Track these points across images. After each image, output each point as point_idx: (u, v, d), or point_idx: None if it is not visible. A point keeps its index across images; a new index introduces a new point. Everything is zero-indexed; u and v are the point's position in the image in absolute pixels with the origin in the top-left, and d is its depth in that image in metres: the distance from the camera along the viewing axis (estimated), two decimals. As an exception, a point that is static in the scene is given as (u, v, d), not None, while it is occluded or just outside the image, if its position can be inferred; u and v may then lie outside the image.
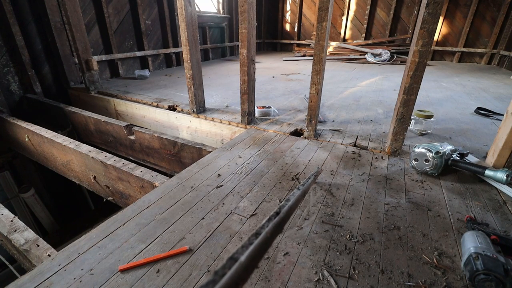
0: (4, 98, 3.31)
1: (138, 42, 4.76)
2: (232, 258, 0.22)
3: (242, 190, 1.49)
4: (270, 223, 0.28)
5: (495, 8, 5.70)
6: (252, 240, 0.25)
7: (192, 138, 2.71)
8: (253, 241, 0.25)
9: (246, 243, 0.24)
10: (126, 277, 0.96)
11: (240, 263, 0.22)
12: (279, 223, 0.29)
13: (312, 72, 1.94)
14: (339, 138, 2.15)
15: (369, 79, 4.52)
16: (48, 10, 3.36)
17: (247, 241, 0.25)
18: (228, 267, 0.21)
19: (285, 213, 0.30)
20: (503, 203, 1.40)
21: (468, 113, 2.81)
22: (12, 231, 1.52)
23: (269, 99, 3.21)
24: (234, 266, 0.21)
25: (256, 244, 0.24)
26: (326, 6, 1.72)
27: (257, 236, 0.26)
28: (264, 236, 0.25)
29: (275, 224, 0.28)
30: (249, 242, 0.24)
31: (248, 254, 0.23)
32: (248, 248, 0.24)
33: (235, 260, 0.22)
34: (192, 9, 2.23)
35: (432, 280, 0.96)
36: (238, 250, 0.23)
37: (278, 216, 0.29)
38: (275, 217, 0.29)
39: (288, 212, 0.31)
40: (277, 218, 0.29)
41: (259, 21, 8.00)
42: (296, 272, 0.99)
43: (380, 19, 6.84)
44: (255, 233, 0.26)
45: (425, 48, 1.52)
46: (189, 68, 2.39)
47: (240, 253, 0.23)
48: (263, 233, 0.26)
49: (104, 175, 2.12)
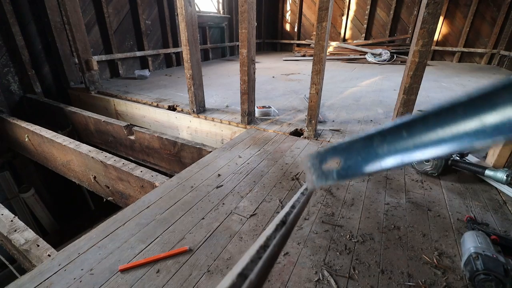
0: (4, 98, 3.31)
1: (138, 42, 4.76)
2: (242, 274, 0.22)
3: (242, 190, 1.49)
4: (277, 233, 0.27)
5: (495, 8, 5.70)
6: (261, 254, 0.24)
7: (192, 138, 2.71)
8: (261, 255, 0.24)
9: (255, 256, 0.23)
10: (126, 277, 0.96)
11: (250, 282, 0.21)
12: (286, 235, 0.28)
13: (312, 72, 1.94)
14: (339, 138, 2.15)
15: (369, 79, 4.52)
16: (48, 10, 3.36)
17: (255, 254, 0.24)
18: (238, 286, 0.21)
19: (291, 222, 0.29)
20: (503, 203, 1.40)
21: (468, 113, 2.80)
22: (12, 231, 1.52)
23: (269, 99, 3.21)
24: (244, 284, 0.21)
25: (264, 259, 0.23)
26: (326, 6, 1.72)
27: (265, 249, 0.25)
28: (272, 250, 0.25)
29: (282, 235, 0.27)
30: (258, 256, 0.24)
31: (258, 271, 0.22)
32: (257, 263, 0.23)
33: (245, 277, 0.21)
34: (192, 9, 2.23)
35: (432, 280, 0.96)
36: (248, 265, 0.22)
37: (284, 227, 0.29)
38: (281, 227, 0.28)
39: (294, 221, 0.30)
40: (283, 228, 0.28)
41: (259, 21, 8.00)
42: (296, 272, 0.99)
43: (380, 19, 6.84)
44: (263, 246, 0.25)
45: (425, 48, 1.52)
46: (189, 68, 2.39)
47: (250, 269, 0.22)
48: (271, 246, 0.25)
49: (104, 175, 2.12)
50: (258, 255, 0.24)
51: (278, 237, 0.27)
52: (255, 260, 0.23)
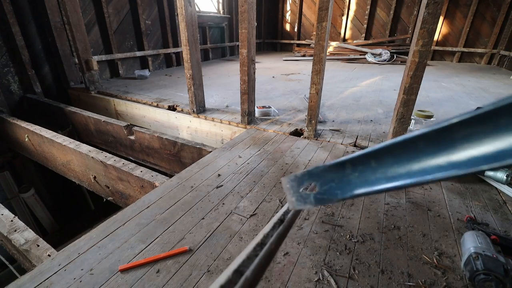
0: (4, 98, 3.31)
1: (138, 42, 4.76)
2: (238, 271, 0.22)
3: (242, 190, 1.49)
4: (275, 232, 0.27)
5: (495, 8, 5.70)
6: (257, 251, 0.24)
7: (192, 138, 2.71)
8: (258, 253, 0.24)
9: (251, 254, 0.24)
10: (126, 277, 0.96)
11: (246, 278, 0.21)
12: (283, 233, 0.28)
13: (312, 72, 1.94)
14: (339, 138, 2.15)
15: (369, 79, 4.52)
16: (48, 10, 3.36)
17: (252, 252, 0.24)
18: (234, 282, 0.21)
19: (289, 221, 0.30)
20: (503, 203, 1.40)
21: (468, 113, 2.80)
22: (12, 231, 1.52)
23: (269, 99, 3.21)
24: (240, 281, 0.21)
25: (261, 256, 0.24)
26: (326, 6, 1.72)
27: (262, 246, 0.25)
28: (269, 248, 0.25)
29: (279, 233, 0.27)
30: (255, 254, 0.24)
31: (254, 268, 0.22)
32: (253, 260, 0.23)
33: (240, 274, 0.22)
34: (192, 9, 2.23)
35: (432, 280, 0.96)
36: (244, 261, 0.23)
37: (282, 225, 0.29)
38: (279, 225, 0.28)
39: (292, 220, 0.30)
40: (281, 227, 0.28)
41: (259, 21, 8.00)
42: (296, 272, 0.99)
43: (380, 19, 6.84)
44: (260, 243, 0.25)
45: (425, 48, 1.52)
46: (189, 68, 2.39)
47: (246, 265, 0.22)
48: (268, 243, 0.25)
49: (104, 175, 2.12)
50: (255, 252, 0.24)
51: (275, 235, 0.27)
52: (252, 257, 0.23)
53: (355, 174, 0.26)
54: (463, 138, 0.19)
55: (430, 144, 0.21)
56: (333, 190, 0.27)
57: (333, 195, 0.27)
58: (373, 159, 0.24)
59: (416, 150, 0.22)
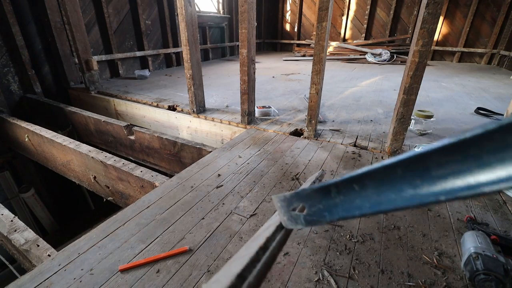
0: (4, 98, 3.31)
1: (138, 42, 4.76)
2: (241, 275, 0.22)
3: (242, 190, 1.49)
4: (277, 235, 0.28)
5: (495, 8, 5.70)
6: (260, 255, 0.24)
7: (192, 138, 2.71)
8: (261, 257, 0.24)
9: (254, 258, 0.24)
10: (126, 277, 0.96)
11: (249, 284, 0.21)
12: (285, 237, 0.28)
13: (312, 72, 1.94)
14: (339, 138, 2.15)
15: (369, 79, 4.52)
16: (48, 10, 3.36)
17: (255, 256, 0.24)
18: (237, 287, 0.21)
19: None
20: (503, 203, 1.40)
21: (468, 113, 2.81)
22: (12, 231, 1.52)
23: (269, 99, 3.21)
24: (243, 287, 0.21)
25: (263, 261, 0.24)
26: (326, 6, 1.72)
27: (265, 251, 0.25)
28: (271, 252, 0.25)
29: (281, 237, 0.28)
30: (257, 258, 0.24)
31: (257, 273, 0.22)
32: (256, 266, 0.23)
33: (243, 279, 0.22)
34: (192, 9, 2.23)
35: (432, 280, 0.96)
36: (247, 266, 0.23)
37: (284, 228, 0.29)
38: (281, 229, 0.29)
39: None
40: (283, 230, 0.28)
41: (259, 21, 8.00)
42: (296, 272, 0.99)
43: (380, 19, 6.84)
44: (263, 247, 0.25)
45: (425, 48, 1.52)
46: (189, 68, 2.39)
47: (249, 270, 0.22)
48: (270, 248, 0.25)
49: (104, 175, 2.12)
50: (258, 257, 0.24)
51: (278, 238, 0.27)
52: (255, 262, 0.23)
53: (340, 197, 0.26)
54: (437, 166, 0.19)
55: (407, 171, 0.21)
56: (321, 212, 0.27)
57: (322, 217, 0.27)
58: (356, 184, 0.25)
59: (395, 177, 0.22)
